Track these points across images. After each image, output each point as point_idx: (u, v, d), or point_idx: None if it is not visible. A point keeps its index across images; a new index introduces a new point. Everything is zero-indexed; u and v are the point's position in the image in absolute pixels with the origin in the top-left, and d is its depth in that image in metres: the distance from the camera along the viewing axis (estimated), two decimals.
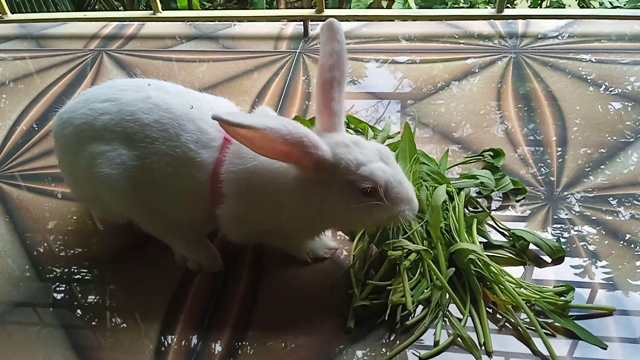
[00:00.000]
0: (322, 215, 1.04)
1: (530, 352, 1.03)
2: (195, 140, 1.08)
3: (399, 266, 1.12)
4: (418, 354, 1.04)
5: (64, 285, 1.23)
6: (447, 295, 1.11)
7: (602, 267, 1.18)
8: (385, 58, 1.95)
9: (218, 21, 2.25)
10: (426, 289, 1.11)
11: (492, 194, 1.36)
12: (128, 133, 1.08)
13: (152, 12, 2.17)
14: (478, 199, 1.35)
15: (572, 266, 1.19)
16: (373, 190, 0.98)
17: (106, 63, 2.01)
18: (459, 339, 1.05)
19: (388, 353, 1.04)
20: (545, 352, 1.03)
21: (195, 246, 1.22)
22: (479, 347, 1.04)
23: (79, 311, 1.17)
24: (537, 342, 1.04)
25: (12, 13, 2.26)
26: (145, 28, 2.25)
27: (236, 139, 0.95)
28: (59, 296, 1.20)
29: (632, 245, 1.23)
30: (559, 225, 1.28)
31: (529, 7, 3.53)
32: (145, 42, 2.16)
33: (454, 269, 1.12)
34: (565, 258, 1.20)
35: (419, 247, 1.11)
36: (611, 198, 1.34)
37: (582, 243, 1.24)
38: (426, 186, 1.25)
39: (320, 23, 2.14)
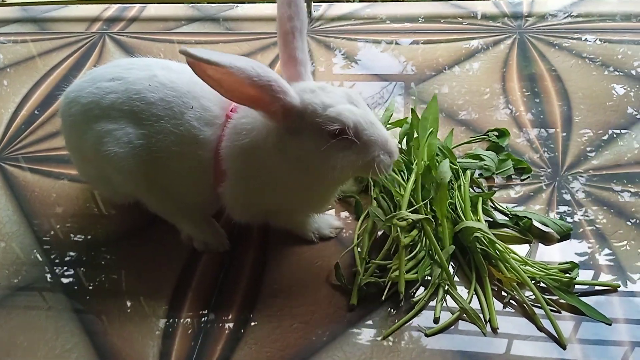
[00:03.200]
0: (302, 169, 1.02)
1: (536, 328, 1.04)
2: (198, 118, 1.08)
3: (397, 244, 1.12)
4: (424, 330, 1.05)
5: (69, 268, 1.24)
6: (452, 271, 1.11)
7: (607, 246, 1.19)
8: (389, 39, 1.94)
9: (220, 2, 2.23)
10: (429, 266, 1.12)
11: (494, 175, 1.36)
12: (134, 112, 1.08)
13: None
14: (484, 178, 1.35)
15: (577, 245, 1.19)
16: (341, 132, 0.97)
17: (109, 45, 2.01)
18: (464, 315, 1.06)
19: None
20: (550, 329, 1.03)
21: (201, 226, 1.23)
22: (485, 324, 1.05)
23: (85, 293, 1.18)
24: (543, 319, 1.05)
25: None
26: (147, 10, 2.24)
27: (205, 81, 0.92)
28: (65, 279, 1.21)
29: (637, 224, 1.23)
30: (563, 205, 1.28)
31: None
32: (148, 24, 2.15)
33: (454, 246, 1.13)
34: (570, 237, 1.21)
35: (420, 216, 1.11)
36: (616, 178, 1.35)
37: (587, 222, 1.24)
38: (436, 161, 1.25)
39: (324, 4, 2.15)
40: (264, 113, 0.99)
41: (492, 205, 1.28)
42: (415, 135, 1.29)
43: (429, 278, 1.11)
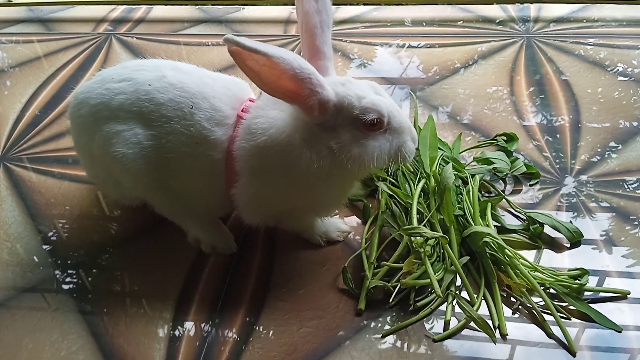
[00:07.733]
0: (335, 162, 1.01)
1: (545, 335, 1.03)
2: (209, 118, 1.07)
3: (412, 249, 1.11)
4: (432, 336, 1.04)
5: (75, 270, 1.23)
6: (459, 279, 1.10)
7: (616, 252, 1.18)
8: (395, 42, 1.93)
9: (227, 4, 2.23)
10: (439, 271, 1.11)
11: (506, 178, 1.36)
12: (144, 113, 1.08)
13: None
14: (491, 183, 1.34)
15: (586, 251, 1.18)
16: (378, 122, 0.99)
17: (115, 47, 2.00)
18: (472, 322, 1.05)
19: (398, 334, 1.05)
20: (560, 335, 1.03)
21: (209, 228, 1.23)
22: (494, 330, 1.04)
23: (91, 295, 1.17)
24: (552, 325, 1.04)
25: None
26: (153, 11, 2.24)
27: (244, 71, 0.92)
28: (70, 281, 1.20)
29: None
30: (572, 210, 1.28)
31: None
32: (154, 25, 2.15)
33: (468, 257, 1.12)
34: (580, 244, 1.20)
35: (437, 234, 1.10)
36: (625, 182, 1.34)
37: (595, 227, 1.23)
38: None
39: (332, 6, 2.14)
40: (300, 107, 0.98)
41: (507, 207, 1.28)
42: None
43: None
